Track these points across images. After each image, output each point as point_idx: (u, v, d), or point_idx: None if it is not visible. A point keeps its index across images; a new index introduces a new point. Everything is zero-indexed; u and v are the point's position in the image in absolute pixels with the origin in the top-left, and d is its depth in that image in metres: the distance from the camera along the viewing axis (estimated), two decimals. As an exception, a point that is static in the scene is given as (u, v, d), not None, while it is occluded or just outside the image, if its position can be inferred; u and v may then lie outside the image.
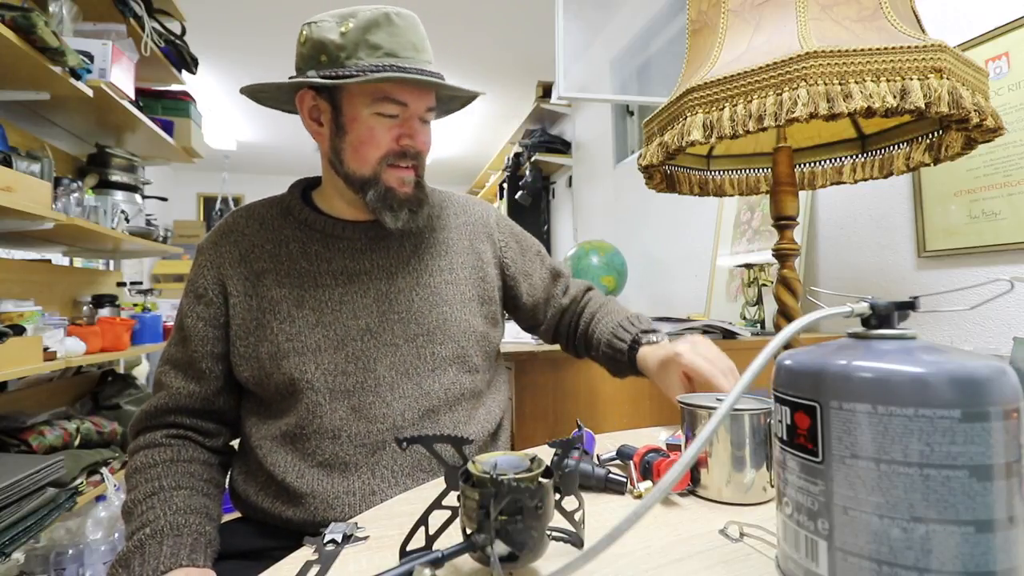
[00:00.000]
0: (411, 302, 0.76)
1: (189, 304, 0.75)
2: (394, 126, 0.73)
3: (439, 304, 0.78)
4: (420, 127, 0.75)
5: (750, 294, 1.49)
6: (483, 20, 3.06)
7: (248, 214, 0.80)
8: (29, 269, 1.92)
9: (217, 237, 0.78)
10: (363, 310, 0.74)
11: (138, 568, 0.58)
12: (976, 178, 1.12)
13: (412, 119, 0.74)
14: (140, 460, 0.69)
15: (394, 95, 0.71)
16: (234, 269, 0.75)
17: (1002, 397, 0.30)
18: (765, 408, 0.54)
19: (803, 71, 0.73)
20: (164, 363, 0.75)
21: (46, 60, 1.43)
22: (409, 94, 0.72)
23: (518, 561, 0.40)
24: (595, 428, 0.79)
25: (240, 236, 0.77)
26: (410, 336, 0.75)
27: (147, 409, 0.73)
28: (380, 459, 0.69)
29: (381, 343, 0.73)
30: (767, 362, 0.31)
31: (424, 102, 0.74)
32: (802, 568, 0.35)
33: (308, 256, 0.75)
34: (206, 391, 0.74)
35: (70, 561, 1.58)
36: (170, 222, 4.87)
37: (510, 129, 4.31)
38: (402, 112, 0.73)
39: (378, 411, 0.70)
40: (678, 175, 1.16)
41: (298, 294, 0.73)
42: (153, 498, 0.65)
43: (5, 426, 1.57)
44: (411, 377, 0.73)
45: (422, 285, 0.78)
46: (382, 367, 0.72)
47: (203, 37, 3.13)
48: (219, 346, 0.74)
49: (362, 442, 0.69)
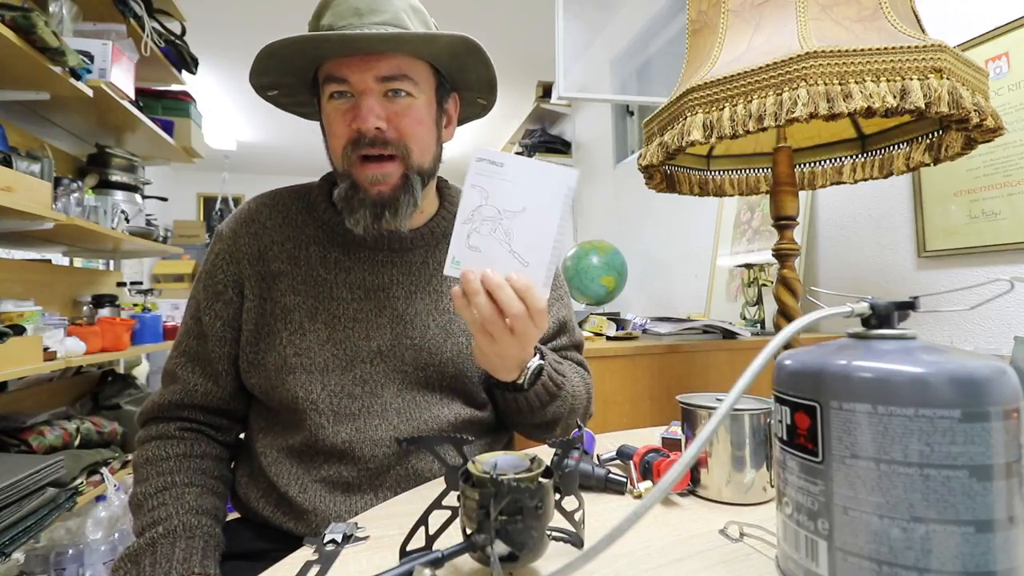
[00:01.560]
0: (427, 328, 0.71)
1: (207, 299, 0.71)
2: (347, 108, 0.65)
3: (456, 333, 0.73)
4: (375, 102, 0.63)
5: (750, 294, 1.50)
6: (483, 20, 3.06)
7: (273, 204, 0.75)
8: (29, 269, 1.91)
9: (237, 225, 0.73)
10: (376, 331, 0.70)
11: (149, 568, 0.58)
12: (976, 178, 1.12)
13: (364, 95, 0.64)
14: (151, 451, 0.68)
15: (332, 72, 0.64)
16: (252, 267, 0.71)
17: (1002, 397, 0.30)
18: (765, 408, 0.54)
19: (803, 71, 0.73)
20: (180, 355, 0.72)
21: (46, 60, 1.43)
22: (346, 67, 0.63)
23: (518, 561, 0.40)
24: (595, 428, 0.79)
25: (261, 228, 0.72)
26: (421, 365, 0.70)
27: (159, 401, 0.71)
28: (384, 481, 0.68)
29: (391, 368, 0.69)
30: (767, 362, 0.31)
31: (368, 71, 0.63)
32: (802, 568, 0.35)
33: (327, 264, 0.71)
34: (223, 392, 0.72)
35: (70, 561, 1.58)
36: (170, 222, 4.86)
37: (510, 129, 4.31)
38: (349, 88, 0.64)
39: (384, 434, 0.68)
40: (678, 175, 1.16)
41: (312, 305, 0.69)
42: (165, 493, 0.64)
43: (5, 426, 1.57)
44: (418, 405, 0.70)
45: (440, 310, 0.73)
46: (389, 393, 0.69)
47: (203, 37, 3.13)
48: (235, 348, 0.71)
49: (366, 464, 0.67)
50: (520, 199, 0.53)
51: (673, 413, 1.21)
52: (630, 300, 2.58)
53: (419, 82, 0.66)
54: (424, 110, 0.68)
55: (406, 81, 0.65)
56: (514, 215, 0.53)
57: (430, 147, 0.70)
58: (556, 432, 0.75)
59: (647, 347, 1.22)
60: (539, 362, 0.68)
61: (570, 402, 0.73)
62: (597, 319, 1.51)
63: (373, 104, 0.63)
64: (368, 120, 0.63)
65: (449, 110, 0.75)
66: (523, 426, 0.76)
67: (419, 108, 0.67)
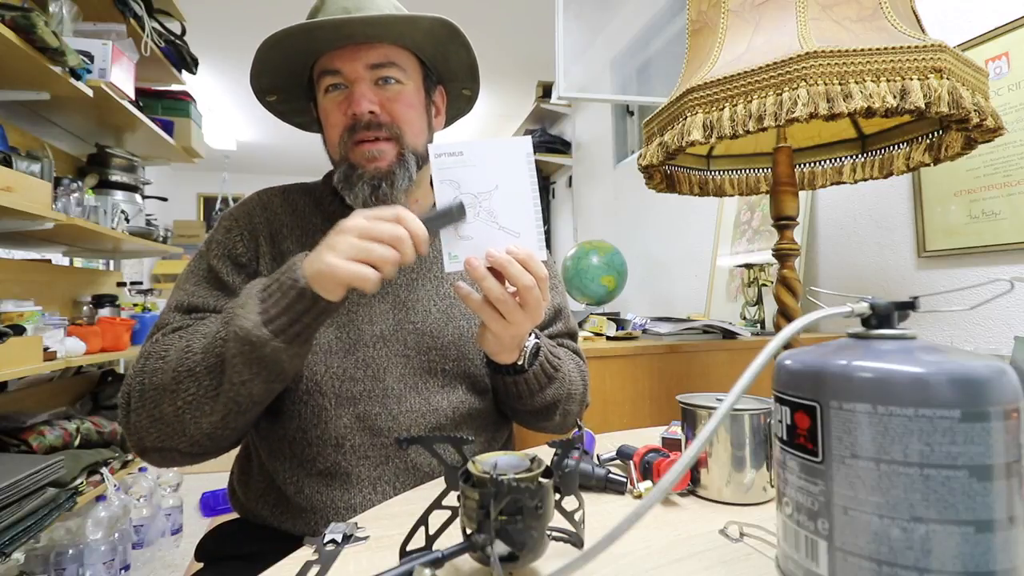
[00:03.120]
0: (428, 313, 0.73)
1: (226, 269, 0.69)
2: (343, 100, 0.68)
3: (456, 317, 0.74)
4: (367, 88, 0.67)
5: (750, 294, 1.50)
6: (483, 20, 3.06)
7: (283, 196, 0.77)
8: (29, 269, 1.92)
9: (250, 208, 0.74)
10: (379, 316, 0.71)
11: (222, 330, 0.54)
12: (976, 178, 1.12)
13: (357, 84, 0.67)
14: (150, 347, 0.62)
15: (325, 66, 0.68)
16: (267, 245, 0.71)
17: (1002, 397, 0.30)
18: (765, 408, 0.54)
19: (803, 71, 0.73)
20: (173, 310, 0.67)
21: (46, 60, 1.43)
22: (338, 59, 0.67)
23: (518, 561, 0.40)
24: (595, 428, 0.79)
25: (273, 215, 0.74)
26: (423, 349, 0.72)
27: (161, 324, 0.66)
28: (382, 474, 0.68)
29: (393, 352, 0.71)
30: (767, 362, 0.31)
31: (358, 60, 0.67)
32: (802, 568, 0.35)
33: None
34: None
35: (70, 561, 1.58)
36: (170, 222, 4.86)
37: (510, 129, 4.32)
38: (343, 79, 0.68)
39: (383, 423, 0.68)
40: (678, 175, 1.16)
41: None
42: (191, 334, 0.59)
43: (5, 426, 1.57)
44: (419, 391, 0.71)
45: (441, 295, 0.75)
46: (391, 377, 0.70)
47: (203, 37, 3.13)
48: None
49: (365, 453, 0.68)
50: (490, 178, 0.56)
51: (673, 413, 1.21)
52: (630, 300, 2.58)
53: (407, 69, 0.70)
54: (414, 95, 0.71)
55: (394, 68, 0.69)
56: (490, 194, 0.56)
57: (422, 131, 0.73)
58: (555, 420, 0.76)
59: (647, 347, 1.22)
60: (535, 341, 0.70)
61: (567, 387, 0.75)
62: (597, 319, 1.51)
63: (365, 90, 0.67)
64: (361, 104, 0.66)
65: (437, 101, 0.78)
66: (522, 413, 0.77)
67: (409, 93, 0.70)
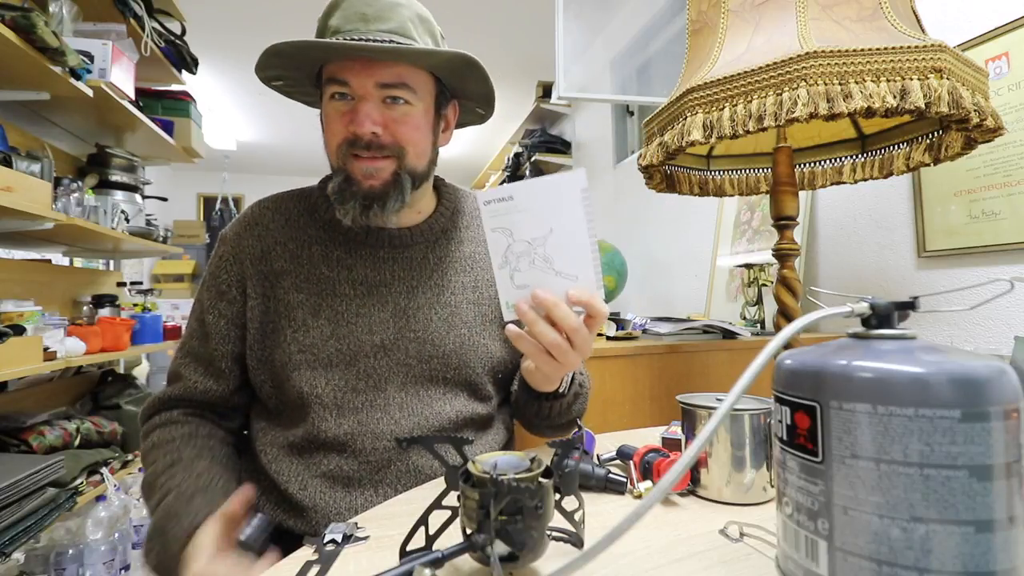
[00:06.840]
0: (429, 321, 0.73)
1: (211, 299, 0.73)
2: (347, 111, 0.67)
3: (458, 325, 0.74)
4: (372, 108, 0.66)
5: (750, 294, 1.49)
6: (483, 20, 3.06)
7: (275, 207, 0.77)
8: (29, 269, 1.91)
9: (241, 228, 0.75)
10: (379, 325, 0.71)
11: (174, 529, 0.58)
12: (976, 178, 1.12)
13: (363, 99, 0.66)
14: (157, 437, 0.69)
15: (334, 74, 0.66)
16: (254, 267, 0.72)
17: (1002, 397, 0.30)
18: (765, 408, 0.54)
19: (803, 71, 0.73)
20: (185, 355, 0.74)
21: (46, 60, 1.43)
22: (348, 71, 0.65)
23: (518, 561, 0.40)
24: (595, 428, 0.79)
25: (264, 231, 0.74)
26: (424, 357, 0.71)
27: (162, 396, 0.73)
28: (384, 477, 0.68)
29: (394, 362, 0.71)
30: (767, 362, 0.31)
31: (369, 77, 0.65)
32: (802, 568, 0.35)
33: (329, 262, 0.72)
34: (223, 390, 0.73)
35: (70, 561, 1.58)
36: (170, 222, 4.85)
37: (510, 129, 4.31)
38: (350, 91, 0.66)
39: (385, 428, 0.69)
40: (678, 175, 1.16)
41: (315, 302, 0.71)
42: (174, 467, 0.64)
43: (5, 426, 1.57)
44: (421, 399, 0.71)
45: (442, 304, 0.74)
46: (392, 387, 0.70)
47: (203, 37, 3.13)
48: (239, 346, 0.73)
49: (367, 458, 0.68)
50: (543, 222, 0.52)
51: (673, 413, 1.21)
52: (630, 300, 2.58)
53: (418, 90, 0.68)
54: (421, 117, 0.70)
55: (405, 89, 0.67)
56: (544, 239, 0.52)
57: (425, 151, 0.72)
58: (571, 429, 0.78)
59: (647, 347, 1.22)
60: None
61: (586, 395, 0.77)
62: (597, 319, 1.51)
63: (371, 110, 0.66)
64: (364, 125, 0.65)
65: (448, 116, 0.77)
66: (546, 428, 0.77)
67: (416, 116, 0.69)
